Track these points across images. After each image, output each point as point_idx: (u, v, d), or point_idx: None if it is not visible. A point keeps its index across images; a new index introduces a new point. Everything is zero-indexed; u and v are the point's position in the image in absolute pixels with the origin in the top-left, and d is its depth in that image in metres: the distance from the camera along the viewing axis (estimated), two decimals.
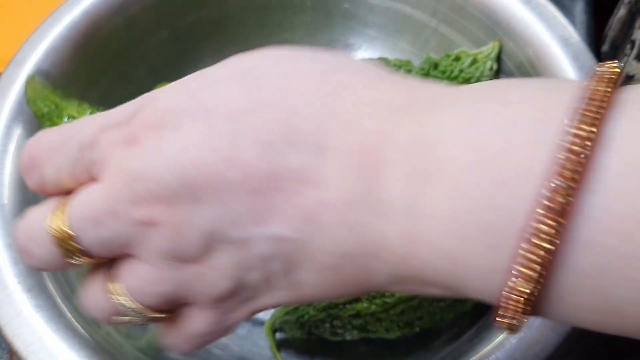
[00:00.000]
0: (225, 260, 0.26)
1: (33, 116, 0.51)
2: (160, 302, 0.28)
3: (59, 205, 0.29)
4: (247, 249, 0.26)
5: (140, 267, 0.27)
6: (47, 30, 0.54)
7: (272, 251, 0.26)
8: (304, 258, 0.26)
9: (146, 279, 0.27)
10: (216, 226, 0.26)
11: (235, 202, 0.25)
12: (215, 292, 0.27)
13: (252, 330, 0.53)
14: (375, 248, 0.25)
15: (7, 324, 0.41)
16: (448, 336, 0.48)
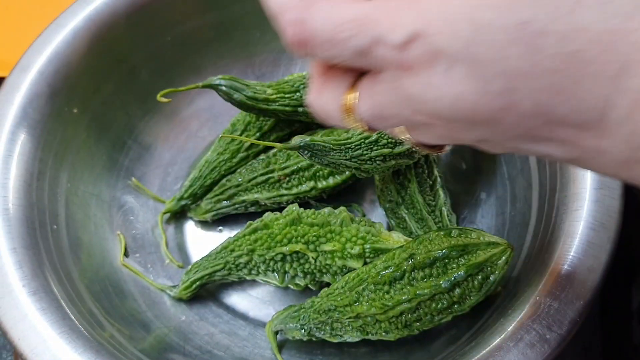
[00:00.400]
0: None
1: (37, 122, 0.51)
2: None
3: (347, 98, 0.31)
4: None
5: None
6: (51, 36, 0.55)
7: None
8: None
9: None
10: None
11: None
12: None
13: (253, 332, 0.54)
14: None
15: (12, 327, 0.42)
16: (447, 338, 0.49)
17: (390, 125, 0.31)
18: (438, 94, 0.27)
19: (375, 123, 0.31)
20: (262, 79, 0.65)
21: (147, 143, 0.61)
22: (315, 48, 0.29)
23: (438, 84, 0.26)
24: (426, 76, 0.27)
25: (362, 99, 0.30)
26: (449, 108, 0.27)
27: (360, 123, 0.31)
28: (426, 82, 0.27)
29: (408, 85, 0.27)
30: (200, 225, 0.60)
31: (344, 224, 0.50)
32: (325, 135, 0.54)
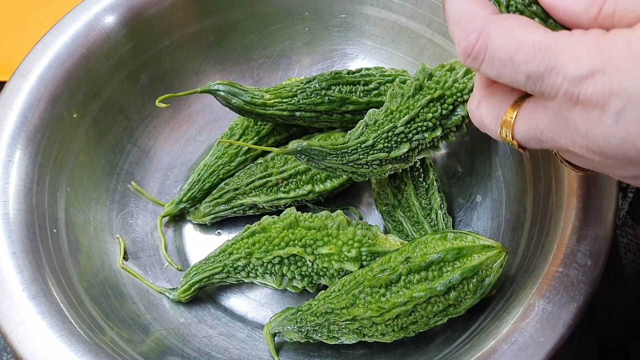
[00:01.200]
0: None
1: (37, 127, 0.52)
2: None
3: (505, 116, 0.33)
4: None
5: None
6: (51, 42, 0.55)
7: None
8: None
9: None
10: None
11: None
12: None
13: (251, 334, 0.54)
14: None
15: (12, 331, 0.42)
16: (442, 339, 0.49)
17: (543, 147, 0.32)
18: (606, 133, 0.27)
19: (529, 143, 0.32)
20: (260, 83, 0.65)
21: (146, 147, 0.62)
22: (489, 63, 0.30)
23: (609, 123, 0.27)
24: (597, 114, 0.27)
25: (522, 119, 0.32)
26: (615, 149, 0.27)
27: (513, 139, 0.33)
28: (596, 120, 0.27)
29: (575, 118, 0.28)
30: (199, 229, 0.60)
31: (341, 227, 0.50)
32: (322, 140, 0.54)
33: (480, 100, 0.35)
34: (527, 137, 0.32)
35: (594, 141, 0.28)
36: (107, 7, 0.57)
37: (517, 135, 0.32)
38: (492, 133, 0.35)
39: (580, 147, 0.29)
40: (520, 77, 0.29)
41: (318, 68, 0.66)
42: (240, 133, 0.59)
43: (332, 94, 0.56)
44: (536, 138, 0.31)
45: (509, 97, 0.33)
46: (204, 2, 0.62)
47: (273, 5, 0.64)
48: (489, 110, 0.34)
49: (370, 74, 0.58)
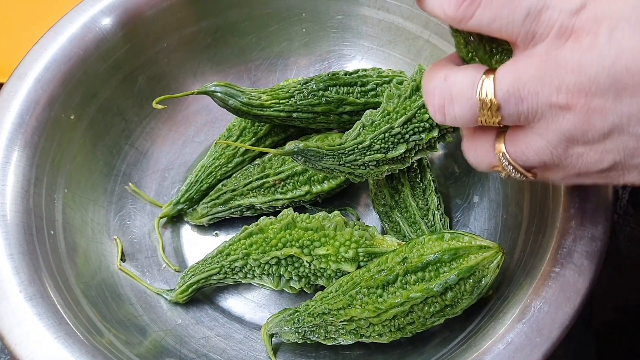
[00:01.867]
0: (614, 147, 0.31)
1: (34, 128, 0.52)
2: (533, 165, 0.33)
3: (485, 75, 0.32)
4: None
5: (534, 138, 0.32)
6: (48, 43, 0.55)
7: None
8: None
9: (534, 149, 0.32)
10: (624, 120, 0.29)
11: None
12: (587, 168, 0.32)
13: (249, 335, 0.54)
14: None
15: (8, 333, 0.42)
16: (440, 340, 0.49)
17: (521, 109, 0.31)
18: (599, 55, 0.28)
19: (509, 104, 0.31)
20: (257, 84, 0.66)
21: (144, 148, 0.62)
22: (486, 5, 0.31)
23: (602, 42, 0.28)
24: (591, 39, 0.28)
25: (504, 71, 0.32)
26: (607, 73, 0.28)
27: (494, 100, 0.32)
28: (590, 44, 0.29)
29: (566, 53, 0.29)
30: (197, 230, 0.60)
31: (338, 228, 0.50)
32: (319, 141, 0.54)
33: (472, 142, 0.36)
34: (508, 95, 0.31)
35: (585, 71, 0.29)
36: (104, 9, 0.57)
37: (498, 92, 0.32)
38: (489, 166, 0.35)
39: (566, 89, 0.30)
40: (519, 14, 0.30)
41: (315, 69, 0.66)
42: (237, 134, 0.59)
43: (329, 95, 0.56)
44: (517, 95, 0.31)
45: (494, 132, 0.34)
46: (201, 4, 0.62)
47: (270, 6, 0.64)
48: (465, 73, 0.33)
49: (367, 75, 0.58)
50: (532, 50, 0.31)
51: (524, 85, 0.31)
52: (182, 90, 0.62)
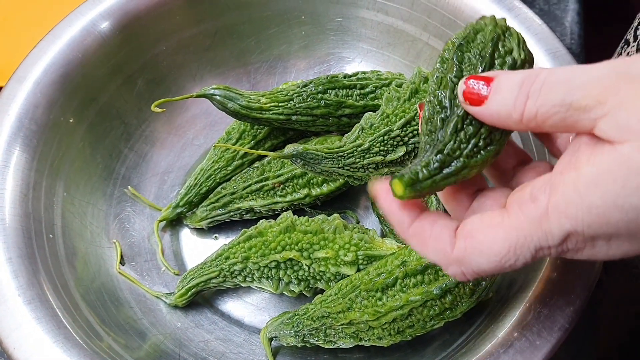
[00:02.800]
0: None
1: (33, 132, 0.52)
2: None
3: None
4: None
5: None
6: (47, 47, 0.55)
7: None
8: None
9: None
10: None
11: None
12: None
13: (248, 338, 0.54)
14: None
15: (7, 337, 0.42)
16: (439, 343, 0.49)
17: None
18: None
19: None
20: (257, 87, 0.66)
21: (143, 151, 0.62)
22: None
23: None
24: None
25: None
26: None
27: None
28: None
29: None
30: (196, 233, 0.60)
31: (337, 231, 0.50)
32: (319, 144, 0.54)
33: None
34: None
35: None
36: (103, 13, 0.57)
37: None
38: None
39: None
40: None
41: (315, 71, 0.66)
42: (237, 137, 0.59)
43: (329, 97, 0.56)
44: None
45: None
46: (200, 7, 0.62)
47: (270, 9, 0.64)
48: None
49: (366, 77, 0.58)
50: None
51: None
52: (181, 93, 0.62)
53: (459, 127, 0.33)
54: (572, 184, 0.28)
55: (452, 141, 0.33)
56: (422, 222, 0.33)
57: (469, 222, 0.32)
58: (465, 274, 0.33)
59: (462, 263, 0.32)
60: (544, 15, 0.70)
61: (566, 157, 0.30)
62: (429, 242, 0.33)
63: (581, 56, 0.67)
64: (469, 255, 0.32)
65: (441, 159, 0.33)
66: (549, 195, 0.29)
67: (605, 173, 0.27)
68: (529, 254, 0.31)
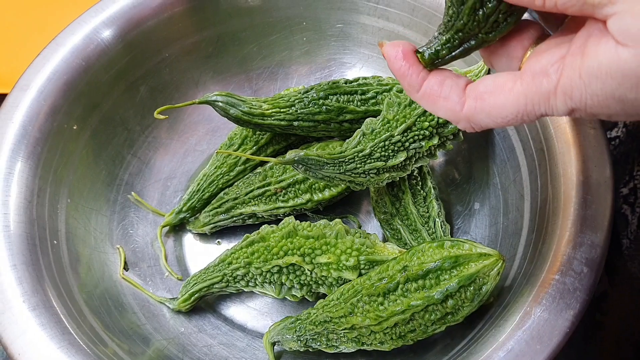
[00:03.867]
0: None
1: (37, 139, 0.52)
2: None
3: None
4: None
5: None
6: (50, 55, 0.56)
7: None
8: None
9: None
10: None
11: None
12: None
13: (251, 343, 0.54)
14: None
15: (12, 343, 0.42)
16: (441, 347, 0.49)
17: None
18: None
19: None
20: (259, 93, 0.66)
21: (146, 157, 0.62)
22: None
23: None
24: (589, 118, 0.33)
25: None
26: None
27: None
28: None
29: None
30: (199, 238, 0.60)
31: (339, 236, 0.50)
32: (320, 149, 0.55)
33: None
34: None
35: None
36: (105, 20, 0.57)
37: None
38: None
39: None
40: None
41: (316, 77, 0.66)
42: (239, 143, 0.60)
43: (330, 103, 0.56)
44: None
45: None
46: (202, 14, 0.62)
47: (271, 15, 0.64)
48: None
49: (367, 83, 0.58)
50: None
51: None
52: (184, 100, 0.62)
53: (477, 6, 0.33)
54: (578, 70, 0.30)
55: (471, 20, 0.34)
56: (430, 82, 0.35)
57: (482, 83, 0.34)
58: (474, 128, 0.35)
59: (471, 120, 0.34)
60: None
61: (581, 39, 0.31)
62: (439, 101, 0.35)
63: None
64: (477, 114, 0.34)
65: (460, 37, 0.34)
66: (559, 74, 0.31)
67: (605, 69, 0.29)
68: (533, 118, 0.33)
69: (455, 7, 0.34)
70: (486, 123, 0.34)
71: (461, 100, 0.34)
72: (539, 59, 0.32)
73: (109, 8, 0.58)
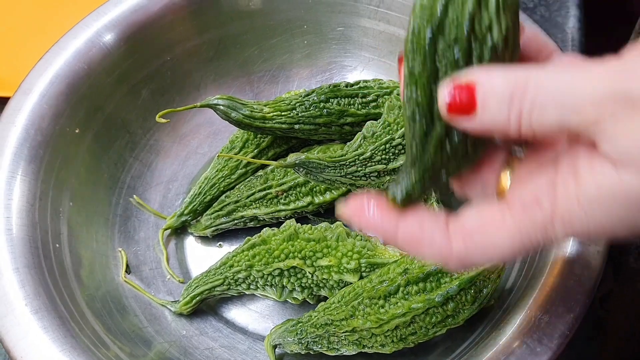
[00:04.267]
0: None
1: (39, 143, 0.52)
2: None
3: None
4: None
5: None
6: (53, 59, 0.56)
7: None
8: None
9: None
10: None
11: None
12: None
13: (252, 345, 0.54)
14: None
15: (14, 346, 0.43)
16: (442, 350, 0.50)
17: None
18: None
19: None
20: (260, 96, 0.66)
21: (148, 161, 0.62)
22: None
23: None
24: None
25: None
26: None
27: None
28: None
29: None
30: (201, 241, 0.61)
31: (340, 239, 0.51)
32: (321, 152, 0.55)
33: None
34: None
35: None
36: (107, 24, 0.58)
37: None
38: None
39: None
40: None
41: (317, 80, 0.67)
42: (240, 146, 0.60)
43: (331, 106, 0.57)
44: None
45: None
46: (203, 17, 0.62)
47: (272, 18, 0.64)
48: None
49: (368, 86, 0.58)
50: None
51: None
52: (185, 103, 0.62)
53: (443, 141, 0.31)
54: (575, 197, 0.27)
55: (439, 156, 0.31)
56: (407, 224, 0.32)
57: (466, 221, 0.31)
58: (466, 268, 0.32)
59: (464, 263, 0.31)
60: (545, 22, 0.71)
61: (567, 160, 0.29)
62: (424, 247, 0.31)
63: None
64: (470, 256, 0.31)
65: (430, 174, 0.32)
66: (552, 203, 0.28)
67: (608, 196, 0.27)
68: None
69: (418, 143, 0.31)
70: (481, 263, 0.31)
71: (447, 242, 0.31)
72: (525, 187, 0.30)
73: (111, 12, 0.58)
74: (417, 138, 0.31)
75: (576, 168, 0.28)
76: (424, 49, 0.29)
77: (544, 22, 0.71)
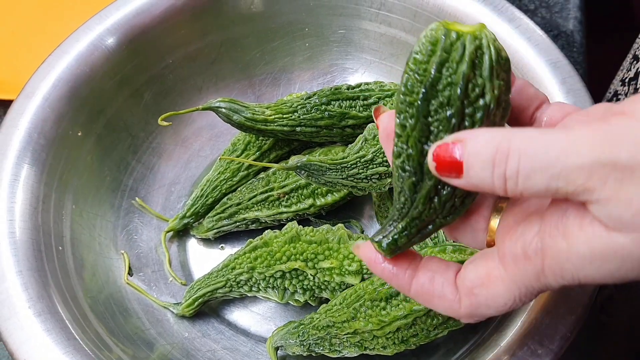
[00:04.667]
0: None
1: (42, 146, 0.53)
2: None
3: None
4: None
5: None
6: (55, 62, 0.56)
7: None
8: None
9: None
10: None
11: None
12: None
13: (254, 347, 0.54)
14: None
15: (17, 349, 0.43)
16: (444, 352, 0.50)
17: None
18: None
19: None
20: (261, 98, 0.66)
21: (150, 163, 0.63)
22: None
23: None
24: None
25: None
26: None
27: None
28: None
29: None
30: (203, 243, 0.61)
31: (342, 241, 0.51)
32: (322, 155, 0.55)
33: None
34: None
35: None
36: (109, 28, 0.58)
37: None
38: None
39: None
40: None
41: (318, 82, 0.67)
42: (242, 148, 0.60)
43: (332, 109, 0.57)
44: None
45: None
46: (205, 20, 0.63)
47: (274, 21, 0.65)
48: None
49: (369, 88, 0.58)
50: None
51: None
52: (187, 106, 0.63)
53: (432, 195, 0.32)
54: (565, 255, 0.28)
55: (427, 209, 0.32)
56: (420, 280, 0.34)
57: (467, 277, 0.33)
58: (478, 321, 0.34)
59: (472, 316, 0.33)
60: (546, 24, 0.71)
61: (554, 215, 0.29)
62: (435, 300, 0.34)
63: (583, 65, 0.68)
64: (476, 310, 0.32)
65: (417, 224, 0.33)
66: (542, 257, 0.29)
67: (600, 255, 0.27)
68: (532, 297, 0.31)
69: (407, 195, 0.32)
70: (489, 314, 0.33)
71: (456, 297, 0.33)
72: (512, 240, 0.31)
73: (113, 15, 0.59)
74: (406, 189, 0.32)
75: (565, 226, 0.28)
76: (416, 107, 0.30)
77: (545, 24, 0.71)
